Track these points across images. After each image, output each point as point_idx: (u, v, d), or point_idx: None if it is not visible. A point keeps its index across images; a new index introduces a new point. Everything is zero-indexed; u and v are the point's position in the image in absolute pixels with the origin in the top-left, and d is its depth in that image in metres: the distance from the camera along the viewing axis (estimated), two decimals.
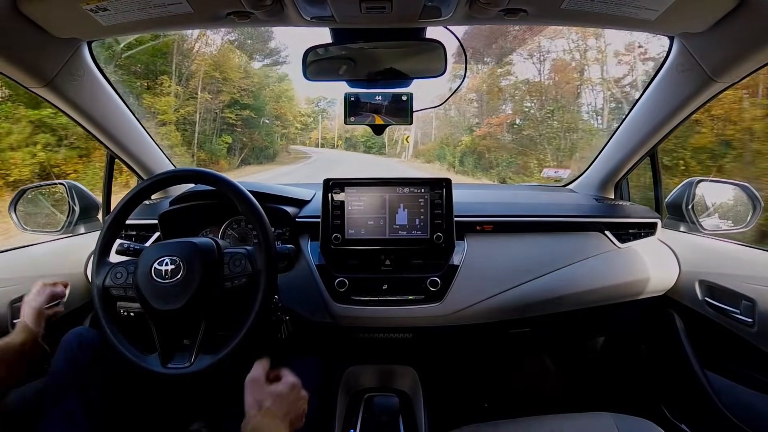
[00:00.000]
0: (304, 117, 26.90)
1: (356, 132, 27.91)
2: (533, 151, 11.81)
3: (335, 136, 32.93)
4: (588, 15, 0.83)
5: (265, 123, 17.15)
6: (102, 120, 1.12)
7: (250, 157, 15.77)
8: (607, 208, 1.29)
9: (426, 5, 0.80)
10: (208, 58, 13.47)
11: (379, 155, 26.73)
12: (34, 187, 1.28)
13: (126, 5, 0.77)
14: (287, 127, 21.17)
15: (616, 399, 1.40)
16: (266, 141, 17.06)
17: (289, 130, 21.59)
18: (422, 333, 1.21)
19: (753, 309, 0.93)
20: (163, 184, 0.92)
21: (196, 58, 13.00)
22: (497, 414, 0.94)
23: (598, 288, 1.13)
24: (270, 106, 17.96)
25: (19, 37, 0.81)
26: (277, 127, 19.16)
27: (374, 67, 0.98)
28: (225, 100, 13.95)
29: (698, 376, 1.10)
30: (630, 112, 1.21)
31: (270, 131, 17.89)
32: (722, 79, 0.92)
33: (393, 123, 1.02)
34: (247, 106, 14.99)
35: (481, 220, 1.18)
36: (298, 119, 24.28)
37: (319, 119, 32.30)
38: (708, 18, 0.81)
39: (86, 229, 1.29)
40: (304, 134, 28.69)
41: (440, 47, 0.95)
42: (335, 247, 1.10)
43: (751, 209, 1.13)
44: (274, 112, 18.91)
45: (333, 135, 32.91)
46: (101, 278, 0.86)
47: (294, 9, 0.80)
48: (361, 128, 9.31)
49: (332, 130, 32.93)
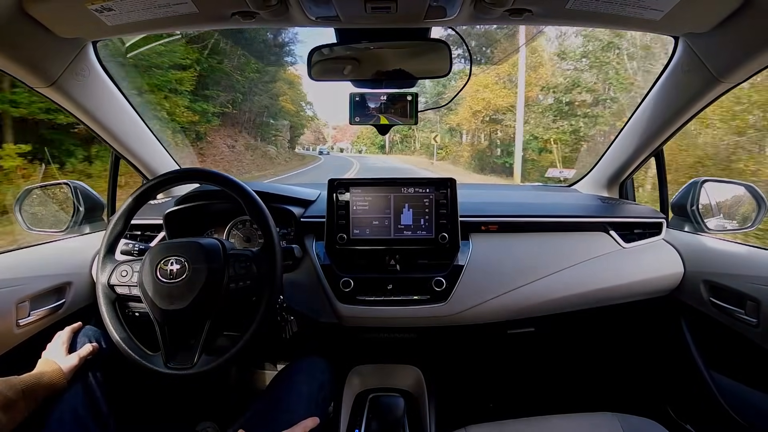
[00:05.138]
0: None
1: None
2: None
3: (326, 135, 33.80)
4: (593, 15, 0.83)
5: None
6: (107, 120, 1.13)
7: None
8: (612, 208, 1.28)
9: (431, 5, 0.80)
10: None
11: (400, 154, 25.64)
12: (39, 186, 1.28)
13: (131, 5, 0.78)
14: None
15: (620, 399, 1.40)
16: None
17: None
18: (427, 333, 1.21)
19: (758, 309, 0.93)
20: (168, 184, 0.93)
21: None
22: (502, 414, 0.94)
23: (603, 288, 1.13)
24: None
25: (24, 37, 0.81)
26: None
27: (379, 67, 0.98)
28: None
29: (703, 376, 1.10)
30: (635, 112, 1.21)
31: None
32: (727, 79, 0.91)
33: (398, 123, 1.03)
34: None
35: (486, 220, 1.18)
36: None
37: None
38: (713, 18, 0.80)
39: (91, 229, 1.29)
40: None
41: (445, 47, 0.95)
42: (340, 247, 1.10)
43: (756, 209, 1.13)
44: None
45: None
46: (106, 276, 0.86)
47: (299, 9, 0.80)
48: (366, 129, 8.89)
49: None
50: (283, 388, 0.94)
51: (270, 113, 17.01)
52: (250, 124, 15.02)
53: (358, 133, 35.13)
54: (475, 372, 1.56)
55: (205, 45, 11.28)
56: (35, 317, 1.00)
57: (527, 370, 1.55)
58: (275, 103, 17.58)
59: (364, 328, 1.16)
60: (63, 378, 0.79)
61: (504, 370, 1.56)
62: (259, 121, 15.86)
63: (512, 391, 1.54)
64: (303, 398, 0.91)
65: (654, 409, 1.26)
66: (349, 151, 38.03)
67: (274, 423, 0.82)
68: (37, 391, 0.75)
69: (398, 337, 1.24)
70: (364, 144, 36.69)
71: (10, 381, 0.72)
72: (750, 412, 0.99)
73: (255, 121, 15.42)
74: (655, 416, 0.88)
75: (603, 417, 0.88)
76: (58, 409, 0.78)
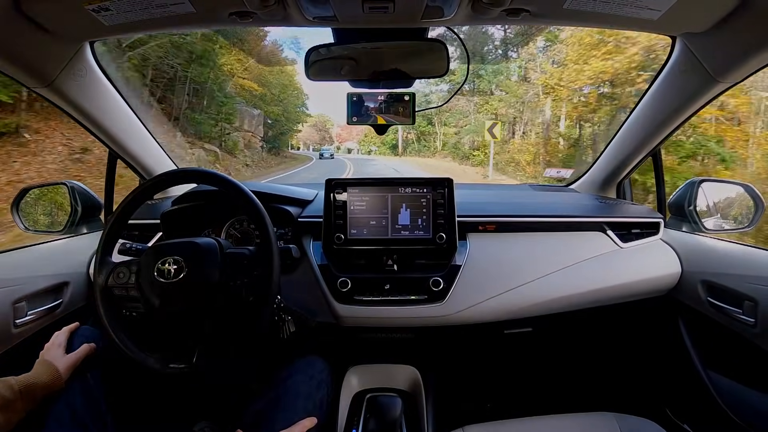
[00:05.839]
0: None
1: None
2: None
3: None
4: (590, 15, 0.83)
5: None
6: (104, 120, 1.13)
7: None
8: (610, 208, 1.28)
9: (428, 5, 0.80)
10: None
11: (416, 156, 20.36)
12: (36, 186, 1.28)
13: (128, 5, 0.78)
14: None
15: (618, 399, 1.40)
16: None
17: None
18: (425, 333, 1.21)
19: (755, 309, 0.93)
20: (165, 184, 0.92)
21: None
22: (500, 414, 0.94)
23: (600, 288, 1.13)
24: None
25: (21, 37, 0.81)
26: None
27: (376, 67, 0.98)
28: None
29: (701, 375, 1.10)
30: (632, 112, 1.21)
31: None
32: (725, 79, 0.92)
33: (395, 123, 1.03)
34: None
35: (484, 220, 1.18)
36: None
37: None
38: (710, 18, 0.81)
39: (88, 229, 1.29)
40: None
41: (442, 47, 0.95)
42: (338, 247, 1.10)
43: (753, 209, 1.13)
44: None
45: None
46: (103, 278, 0.86)
47: (296, 9, 0.80)
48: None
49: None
50: (280, 387, 0.93)
51: (211, 97, 11.60)
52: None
53: (365, 131, 30.50)
54: (472, 372, 1.56)
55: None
56: (32, 317, 1.00)
57: (524, 370, 1.55)
58: (218, 83, 11.92)
59: (361, 328, 1.16)
60: (60, 378, 0.79)
61: (501, 370, 1.56)
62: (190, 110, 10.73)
63: (510, 391, 1.54)
64: (301, 398, 0.91)
65: (651, 409, 1.26)
66: (357, 152, 34.25)
67: (272, 423, 0.82)
68: (34, 392, 0.75)
69: (396, 337, 1.24)
70: (374, 143, 31.97)
71: (7, 381, 0.72)
72: (747, 412, 0.99)
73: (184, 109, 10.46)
74: (652, 416, 0.88)
75: (600, 417, 0.88)
76: (56, 409, 0.78)
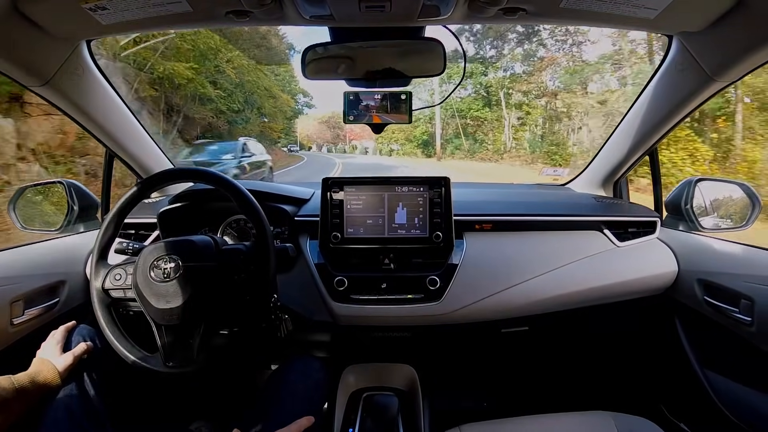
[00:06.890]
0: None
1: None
2: None
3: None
4: (587, 14, 0.83)
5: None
6: (101, 119, 1.12)
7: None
8: (606, 207, 1.29)
9: (425, 4, 0.80)
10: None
11: (470, 160, 16.93)
12: (33, 185, 1.28)
13: (125, 4, 0.77)
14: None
15: (615, 398, 1.40)
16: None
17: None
18: (421, 332, 1.21)
19: (752, 308, 0.93)
20: (161, 183, 0.92)
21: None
22: (496, 413, 0.94)
23: (596, 287, 1.14)
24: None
25: (18, 36, 0.81)
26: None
27: (373, 66, 0.98)
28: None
29: (697, 374, 1.10)
30: (629, 111, 1.21)
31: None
32: (721, 78, 0.92)
33: (392, 122, 1.02)
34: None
35: (481, 219, 1.18)
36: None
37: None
38: (707, 17, 0.81)
39: (85, 228, 1.29)
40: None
41: (439, 46, 0.95)
42: (334, 245, 1.10)
43: (750, 208, 1.13)
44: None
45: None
46: (100, 280, 0.86)
47: (293, 8, 0.80)
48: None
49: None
50: (277, 387, 0.93)
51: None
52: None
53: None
54: (469, 371, 1.56)
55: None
56: (29, 316, 1.00)
57: (521, 369, 1.55)
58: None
59: (358, 327, 1.16)
60: (58, 377, 0.79)
61: (498, 369, 1.56)
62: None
63: (506, 390, 1.54)
64: (298, 397, 0.91)
65: (648, 408, 1.27)
66: (373, 152, 28.27)
67: (269, 422, 0.82)
68: (31, 391, 0.75)
69: (392, 336, 1.24)
70: (395, 140, 24.07)
71: (4, 380, 0.72)
72: (744, 411, 0.99)
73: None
74: (649, 415, 0.89)
75: (597, 416, 0.88)
76: (52, 409, 0.78)
